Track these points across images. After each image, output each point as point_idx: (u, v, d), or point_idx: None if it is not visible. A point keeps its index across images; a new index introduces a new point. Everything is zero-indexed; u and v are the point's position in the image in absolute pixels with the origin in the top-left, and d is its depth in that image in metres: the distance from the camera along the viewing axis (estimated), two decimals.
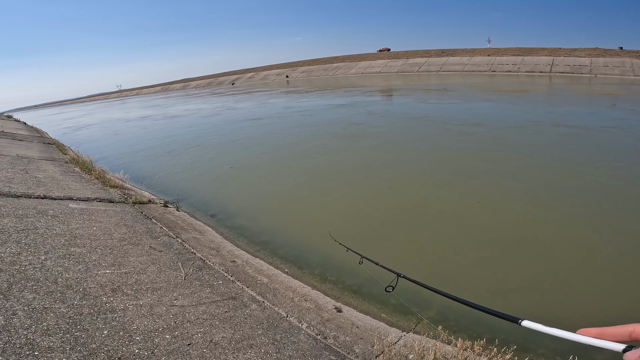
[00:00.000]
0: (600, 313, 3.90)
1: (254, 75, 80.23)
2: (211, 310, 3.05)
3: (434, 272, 4.72)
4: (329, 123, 15.69)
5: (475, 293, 4.28)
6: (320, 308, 3.80)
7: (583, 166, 8.06)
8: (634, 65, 38.44)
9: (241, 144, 13.05)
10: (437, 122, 14.36)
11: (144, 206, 6.26)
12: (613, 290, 4.25)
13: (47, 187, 6.06)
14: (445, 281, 4.49)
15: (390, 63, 60.49)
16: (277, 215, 6.67)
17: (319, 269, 4.71)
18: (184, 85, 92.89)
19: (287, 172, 9.23)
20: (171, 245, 4.48)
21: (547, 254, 4.92)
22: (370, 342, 3.28)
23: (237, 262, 4.54)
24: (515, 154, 9.24)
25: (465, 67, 50.42)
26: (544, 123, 13.19)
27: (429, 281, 2.23)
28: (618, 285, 4.30)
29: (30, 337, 2.01)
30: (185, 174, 9.92)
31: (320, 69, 68.88)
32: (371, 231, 5.84)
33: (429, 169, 8.55)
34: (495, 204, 6.44)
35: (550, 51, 48.32)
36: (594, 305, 4.05)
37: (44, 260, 3.15)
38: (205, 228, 5.99)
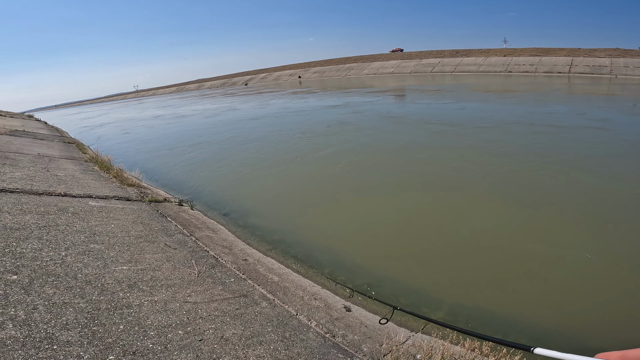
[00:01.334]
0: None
1: (267, 76, 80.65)
2: (223, 307, 3.10)
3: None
4: (315, 122, 16.82)
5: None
6: (330, 307, 3.82)
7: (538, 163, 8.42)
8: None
9: (236, 144, 13.73)
10: (416, 121, 15.09)
11: (159, 204, 6.37)
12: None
13: (67, 185, 6.23)
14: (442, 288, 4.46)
15: (403, 64, 60.09)
16: (290, 215, 6.74)
17: (329, 268, 4.74)
18: (198, 86, 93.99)
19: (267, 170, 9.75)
20: (185, 243, 4.57)
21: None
22: (379, 341, 3.29)
23: (248, 260, 4.60)
24: (479, 155, 9.48)
25: (480, 67, 49.71)
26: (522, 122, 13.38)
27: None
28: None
29: (50, 331, 2.09)
30: (187, 172, 10.09)
31: (333, 70, 68.84)
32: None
33: (400, 171, 8.75)
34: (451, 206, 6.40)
35: (569, 51, 47.26)
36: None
37: (64, 256, 3.25)
38: (218, 227, 6.08)
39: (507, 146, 9.99)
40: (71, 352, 1.93)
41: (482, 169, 8.24)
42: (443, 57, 57.49)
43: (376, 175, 8.44)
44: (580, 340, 3.59)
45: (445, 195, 6.95)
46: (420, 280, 4.50)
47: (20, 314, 2.18)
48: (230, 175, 9.67)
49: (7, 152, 8.78)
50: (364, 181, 8.12)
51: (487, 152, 9.65)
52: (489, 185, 7.36)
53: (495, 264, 4.75)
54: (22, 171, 6.71)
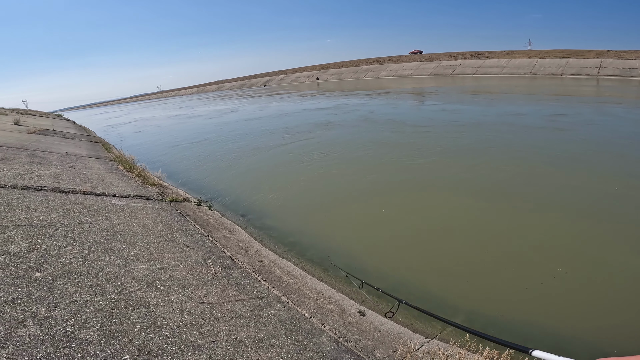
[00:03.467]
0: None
1: (285, 77, 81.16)
2: (237, 308, 3.11)
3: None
4: (300, 124, 17.91)
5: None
6: (344, 311, 3.78)
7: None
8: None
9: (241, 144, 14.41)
10: (396, 123, 15.78)
11: (179, 204, 6.47)
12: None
13: (92, 184, 6.41)
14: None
15: (423, 65, 59.28)
16: (306, 217, 6.74)
17: (344, 272, 4.70)
18: (218, 87, 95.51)
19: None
20: (203, 243, 4.62)
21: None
22: (392, 347, 3.23)
23: (264, 262, 4.61)
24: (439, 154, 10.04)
25: (503, 69, 48.53)
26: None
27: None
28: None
29: (69, 329, 2.13)
30: (204, 172, 10.24)
31: (351, 71, 68.63)
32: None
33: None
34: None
35: (597, 53, 45.49)
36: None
37: (87, 254, 3.33)
38: (235, 227, 6.13)
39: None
40: (88, 351, 1.97)
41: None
42: (464, 59, 56.39)
43: (394, 178, 8.36)
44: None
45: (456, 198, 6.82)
46: (442, 286, 4.42)
47: (41, 311, 2.24)
48: (246, 176, 9.83)
49: (36, 150, 9.11)
50: (378, 183, 8.07)
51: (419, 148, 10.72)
52: (421, 175, 8.38)
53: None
54: (50, 169, 6.94)
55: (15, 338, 1.95)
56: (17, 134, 12.27)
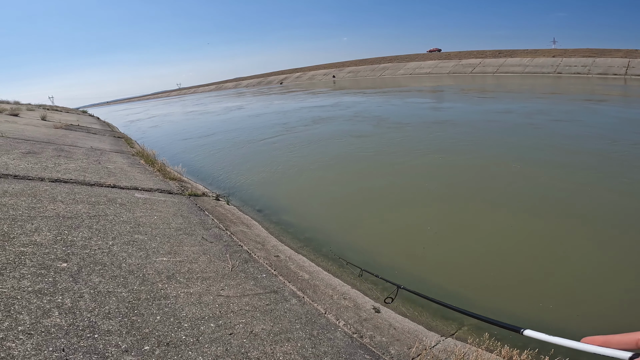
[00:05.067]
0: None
1: (302, 75, 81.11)
2: (254, 302, 3.13)
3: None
4: (287, 122, 18.44)
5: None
6: (359, 307, 3.76)
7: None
8: None
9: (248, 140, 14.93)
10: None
11: (198, 198, 6.56)
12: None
13: (116, 177, 6.56)
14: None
15: (441, 64, 58.22)
16: (323, 213, 6.73)
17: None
18: (236, 84, 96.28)
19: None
20: (221, 237, 4.66)
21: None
22: (407, 344, 3.20)
23: (280, 257, 4.62)
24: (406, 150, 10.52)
25: (525, 68, 47.15)
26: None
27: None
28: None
29: (93, 319, 2.17)
30: (218, 165, 10.36)
31: (367, 70, 68.06)
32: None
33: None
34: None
35: (625, 52, 43.67)
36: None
37: (111, 245, 3.41)
38: (252, 222, 6.17)
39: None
40: (110, 342, 2.00)
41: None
42: (484, 58, 55.06)
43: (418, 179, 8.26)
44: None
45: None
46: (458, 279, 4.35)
47: (67, 302, 2.29)
48: (262, 171, 9.92)
49: (62, 144, 9.39)
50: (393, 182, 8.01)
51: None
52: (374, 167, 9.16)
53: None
54: (76, 163, 7.14)
55: (40, 328, 2.00)
56: (44, 129, 12.67)
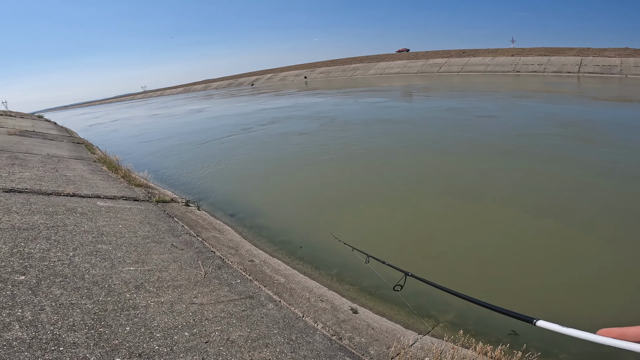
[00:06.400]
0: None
1: (273, 76, 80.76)
2: (229, 308, 3.09)
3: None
4: (245, 124, 19.02)
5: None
6: (336, 309, 3.78)
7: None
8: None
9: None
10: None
11: (166, 205, 6.39)
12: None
13: (76, 185, 6.27)
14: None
15: (410, 64, 59.76)
16: (297, 216, 6.74)
17: (336, 269, 4.71)
18: (205, 86, 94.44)
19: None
20: (192, 243, 4.56)
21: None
22: (386, 343, 3.25)
23: (255, 261, 4.58)
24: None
25: (487, 67, 49.26)
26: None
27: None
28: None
29: (57, 332, 2.08)
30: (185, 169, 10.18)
31: (339, 70, 68.74)
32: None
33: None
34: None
35: (578, 51, 46.53)
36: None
37: (72, 256, 3.26)
38: (225, 227, 6.08)
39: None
40: (77, 354, 1.92)
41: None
42: (450, 57, 57.04)
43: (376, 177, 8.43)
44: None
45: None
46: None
47: (27, 314, 2.17)
48: (232, 175, 9.89)
49: (17, 152, 8.87)
50: (364, 182, 8.18)
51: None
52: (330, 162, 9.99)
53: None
54: (32, 171, 6.76)
55: (1, 342, 1.90)
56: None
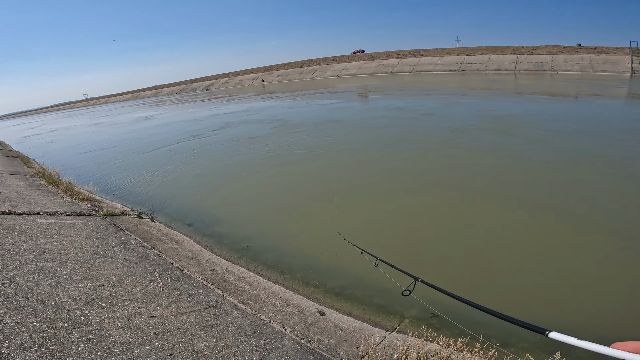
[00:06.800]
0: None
1: (229, 80, 79.52)
2: (192, 319, 3.04)
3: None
4: (196, 130, 19.15)
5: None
6: (304, 312, 3.84)
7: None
8: (592, 61, 40.33)
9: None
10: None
11: (116, 218, 6.15)
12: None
13: (12, 203, 5.87)
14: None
15: (365, 64, 61.29)
16: (258, 220, 6.71)
17: (301, 272, 4.76)
18: (155, 92, 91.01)
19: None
20: (147, 256, 4.43)
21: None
22: (355, 343, 3.33)
23: (216, 270, 4.53)
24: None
25: (436, 67, 51.64)
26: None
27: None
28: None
29: (5, 351, 1.98)
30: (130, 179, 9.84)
31: (296, 72, 69.05)
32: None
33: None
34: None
35: (514, 49, 49.91)
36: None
37: (12, 276, 3.07)
38: (183, 237, 5.95)
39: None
40: None
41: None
42: (402, 58, 59.17)
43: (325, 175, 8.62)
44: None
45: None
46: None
47: None
48: (185, 183, 9.70)
49: None
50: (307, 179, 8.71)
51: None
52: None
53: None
54: None
55: None
56: None
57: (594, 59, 40.95)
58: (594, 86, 26.14)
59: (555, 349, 2.78)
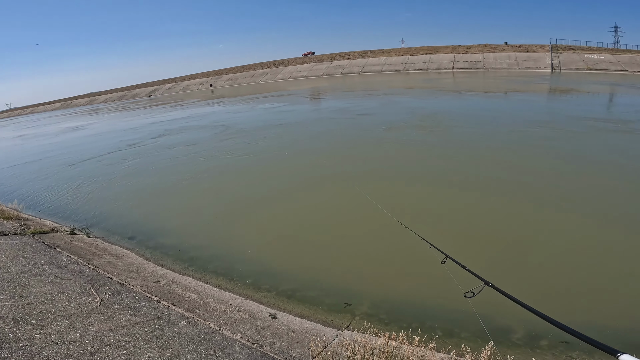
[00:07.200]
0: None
1: (174, 86, 77.11)
2: (134, 332, 3.00)
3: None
4: (132, 139, 18.57)
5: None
6: (255, 317, 3.89)
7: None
8: (517, 59, 44.85)
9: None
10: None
11: (45, 236, 5.85)
12: None
13: None
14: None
15: (316, 66, 62.33)
16: (205, 229, 6.65)
17: (252, 278, 4.80)
18: (90, 100, 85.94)
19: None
20: (82, 272, 4.28)
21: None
22: (307, 344, 3.42)
23: (161, 281, 4.46)
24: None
25: (383, 67, 53.96)
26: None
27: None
28: None
29: None
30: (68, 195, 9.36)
31: (246, 76, 68.54)
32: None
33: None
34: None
35: (451, 49, 53.80)
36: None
37: None
38: (123, 251, 5.77)
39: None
40: None
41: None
42: (351, 59, 61.02)
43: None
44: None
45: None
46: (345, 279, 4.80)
47: None
48: (121, 196, 9.35)
49: None
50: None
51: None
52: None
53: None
54: None
55: None
56: None
57: (519, 56, 45.44)
58: (517, 83, 29.24)
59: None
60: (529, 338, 3.59)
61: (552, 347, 3.46)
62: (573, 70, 38.81)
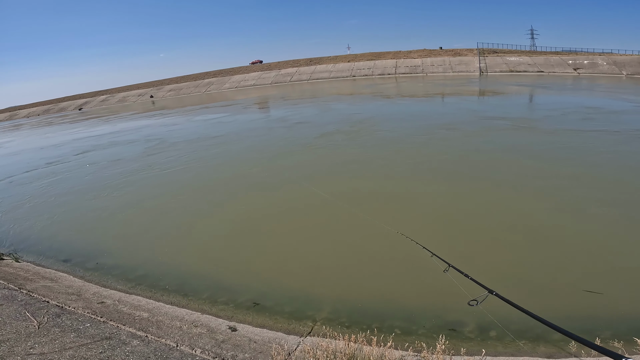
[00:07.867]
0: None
1: (109, 98, 73.68)
2: (81, 353, 2.93)
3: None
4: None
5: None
6: (214, 331, 3.88)
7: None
8: (451, 63, 48.88)
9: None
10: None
11: None
12: None
13: None
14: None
15: (264, 75, 62.66)
16: (149, 245, 6.49)
17: (208, 292, 4.77)
18: (10, 115, 79.68)
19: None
20: (14, 297, 4.07)
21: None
22: (270, 354, 3.48)
23: (106, 302, 4.32)
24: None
25: (331, 73, 55.66)
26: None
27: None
28: None
29: None
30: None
31: (191, 86, 67.21)
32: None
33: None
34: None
35: (394, 54, 57.12)
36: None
37: None
38: (59, 274, 5.51)
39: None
40: None
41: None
42: (300, 66, 62.16)
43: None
44: None
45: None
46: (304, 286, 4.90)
47: None
48: (48, 216, 8.95)
49: None
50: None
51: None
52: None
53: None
54: None
55: None
56: None
57: (452, 60, 49.56)
58: (449, 86, 31.99)
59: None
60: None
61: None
62: (497, 73, 43.12)
